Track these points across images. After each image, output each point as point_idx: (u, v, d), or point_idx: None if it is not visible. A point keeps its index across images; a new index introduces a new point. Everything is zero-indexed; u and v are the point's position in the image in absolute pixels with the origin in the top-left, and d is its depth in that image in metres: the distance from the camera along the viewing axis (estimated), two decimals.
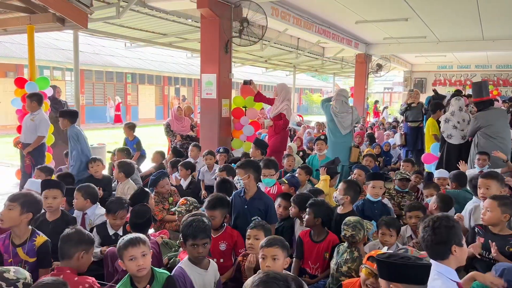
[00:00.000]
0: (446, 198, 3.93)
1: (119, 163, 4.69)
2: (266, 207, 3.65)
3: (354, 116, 6.17)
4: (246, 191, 3.71)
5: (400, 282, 1.85)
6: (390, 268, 1.89)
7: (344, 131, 6.12)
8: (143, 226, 3.03)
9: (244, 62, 13.34)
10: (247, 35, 6.39)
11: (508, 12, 8.18)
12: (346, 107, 6.17)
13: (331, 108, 6.19)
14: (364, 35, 11.60)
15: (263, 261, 2.48)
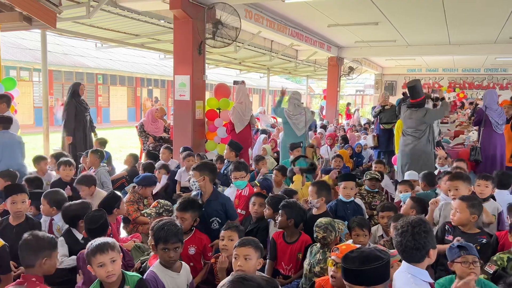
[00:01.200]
0: (422, 202, 4.02)
1: (78, 179, 4.44)
2: (223, 207, 3.68)
3: (307, 117, 6.39)
4: (203, 193, 3.71)
5: (370, 286, 1.89)
6: (358, 275, 1.91)
7: (299, 132, 6.36)
8: (98, 232, 2.95)
9: (218, 63, 13.29)
10: (221, 37, 6.38)
11: (473, 18, 8.50)
12: (299, 109, 6.41)
13: (285, 111, 6.40)
14: (336, 38, 11.79)
15: (235, 261, 2.49)
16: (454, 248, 2.49)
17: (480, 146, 6.28)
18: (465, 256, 2.45)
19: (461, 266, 2.46)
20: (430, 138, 5.44)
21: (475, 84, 18.70)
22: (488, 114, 6.19)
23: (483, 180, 3.74)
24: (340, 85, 14.29)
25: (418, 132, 5.42)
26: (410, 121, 5.54)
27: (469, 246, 2.48)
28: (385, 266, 1.90)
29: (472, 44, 11.75)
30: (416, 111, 5.42)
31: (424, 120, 5.35)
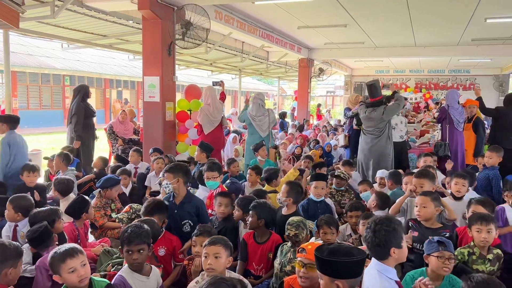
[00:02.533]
0: (384, 196, 4.16)
1: (54, 181, 4.40)
2: (197, 209, 3.67)
3: (271, 118, 6.50)
4: (176, 195, 3.69)
5: (346, 278, 1.91)
6: (332, 266, 1.93)
7: (263, 134, 6.48)
8: (40, 241, 2.91)
9: (188, 65, 13.19)
10: (191, 38, 6.35)
11: (436, 21, 8.80)
12: (262, 110, 6.53)
13: (248, 113, 6.52)
14: (306, 40, 11.94)
15: (205, 260, 2.50)
16: (434, 242, 2.57)
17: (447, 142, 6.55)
18: (443, 251, 2.54)
19: (437, 260, 2.55)
20: (389, 136, 5.61)
21: (440, 84, 19.35)
22: (450, 113, 6.47)
23: (461, 178, 3.87)
24: (311, 86, 14.47)
25: (377, 130, 5.57)
26: (369, 120, 5.69)
27: (447, 243, 2.56)
28: (354, 262, 1.92)
29: (437, 46, 12.17)
30: (375, 110, 5.57)
31: (383, 118, 5.50)
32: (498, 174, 4.66)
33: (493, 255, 2.96)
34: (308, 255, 2.43)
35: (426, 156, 5.25)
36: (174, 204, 3.67)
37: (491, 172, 4.70)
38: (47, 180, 5.88)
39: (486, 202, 3.35)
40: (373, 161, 5.61)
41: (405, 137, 6.41)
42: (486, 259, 2.95)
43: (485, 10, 7.68)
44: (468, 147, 6.77)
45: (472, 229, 2.98)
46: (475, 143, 6.79)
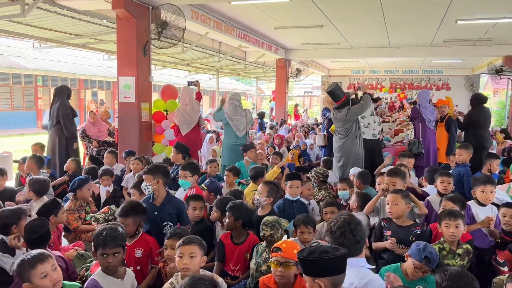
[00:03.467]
0: (365, 196, 4.22)
1: (30, 181, 4.28)
2: (178, 211, 3.64)
3: (248, 119, 6.54)
4: (156, 196, 3.65)
5: (325, 276, 1.92)
6: (313, 265, 1.95)
7: (239, 134, 6.50)
8: (39, 242, 2.82)
9: (165, 65, 13.05)
10: (166, 37, 6.29)
11: (410, 22, 9.00)
12: (239, 111, 6.54)
13: (225, 112, 6.53)
14: (283, 40, 12.00)
15: (180, 260, 2.49)
16: (423, 255, 2.57)
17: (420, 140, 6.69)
18: (424, 265, 2.59)
19: (415, 268, 2.62)
20: (357, 135, 5.72)
21: (414, 84, 19.77)
22: (422, 112, 6.63)
23: (446, 177, 3.98)
24: (288, 86, 14.55)
25: (344, 130, 5.69)
26: (336, 121, 5.81)
27: (433, 261, 2.58)
28: (329, 260, 1.94)
29: (410, 47, 12.43)
30: (340, 111, 5.69)
31: (347, 118, 5.62)
32: (469, 171, 4.81)
33: (462, 250, 3.05)
34: (284, 254, 2.45)
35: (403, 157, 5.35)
36: (154, 206, 3.62)
37: (462, 169, 4.85)
38: (18, 183, 5.72)
39: (456, 199, 3.45)
40: (343, 160, 5.71)
41: (378, 136, 6.51)
42: (456, 254, 3.04)
43: (456, 12, 7.90)
44: (441, 146, 6.94)
45: (442, 224, 3.06)
46: (447, 141, 6.96)
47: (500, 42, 11.30)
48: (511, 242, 3.35)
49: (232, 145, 6.48)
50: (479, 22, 8.63)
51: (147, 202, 3.65)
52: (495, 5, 7.36)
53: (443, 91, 18.58)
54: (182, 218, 3.67)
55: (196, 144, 6.78)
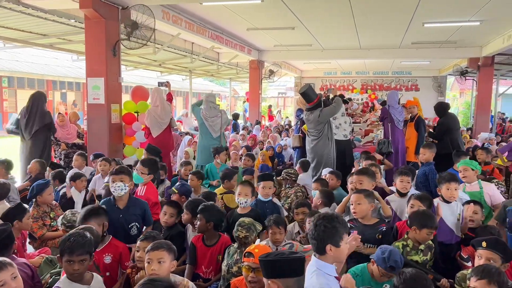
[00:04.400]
0: (328, 193, 4.29)
1: None
2: (142, 211, 3.62)
3: (223, 120, 6.56)
4: (117, 199, 3.58)
5: (278, 278, 1.94)
6: (267, 266, 1.97)
7: (215, 134, 6.51)
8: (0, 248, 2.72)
9: (136, 65, 12.85)
10: (136, 38, 6.19)
11: (379, 25, 9.19)
12: (215, 111, 6.56)
13: (201, 113, 6.53)
14: (256, 41, 12.03)
15: (148, 265, 2.46)
16: (388, 264, 2.61)
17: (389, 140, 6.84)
18: (390, 274, 2.63)
19: (378, 270, 2.68)
20: (329, 136, 5.82)
21: (384, 86, 20.20)
22: (391, 112, 6.79)
23: (405, 176, 4.05)
24: (262, 87, 14.60)
25: (317, 131, 5.77)
26: (308, 123, 5.88)
27: (397, 268, 2.59)
28: (284, 261, 1.96)
29: (380, 49, 12.71)
30: (312, 113, 5.77)
31: (319, 120, 5.70)
32: (433, 169, 4.95)
33: (424, 246, 3.15)
34: (256, 260, 2.44)
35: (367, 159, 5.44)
36: (117, 208, 3.56)
37: (427, 168, 5.00)
38: None
39: (423, 198, 3.55)
40: (316, 161, 5.79)
41: (349, 136, 6.63)
42: (419, 249, 3.14)
43: (423, 15, 8.13)
44: (410, 145, 7.11)
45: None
46: (416, 141, 7.14)
47: (464, 45, 11.71)
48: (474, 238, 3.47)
49: (207, 145, 6.46)
50: (444, 25, 8.91)
51: (109, 205, 3.57)
52: (459, 9, 7.62)
53: (412, 92, 19.09)
54: (146, 218, 3.67)
55: (167, 146, 6.70)
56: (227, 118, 6.73)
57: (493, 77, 12.65)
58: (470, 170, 4.27)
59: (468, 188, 4.26)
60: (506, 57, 12.40)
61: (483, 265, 2.39)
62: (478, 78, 12.30)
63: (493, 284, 2.24)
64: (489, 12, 7.68)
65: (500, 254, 2.69)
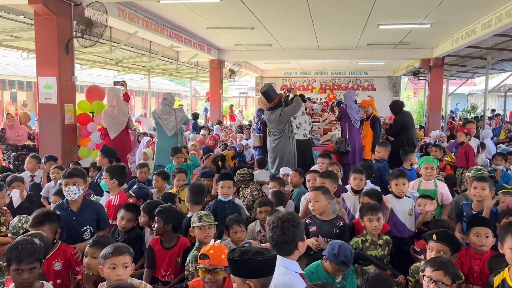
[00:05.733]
0: (278, 194, 4.34)
1: None
2: (97, 214, 3.51)
3: (178, 117, 6.49)
4: (72, 201, 3.45)
5: (256, 278, 1.93)
6: (244, 265, 1.94)
7: (169, 133, 6.47)
8: None
9: (92, 64, 12.43)
10: (90, 35, 5.97)
11: (336, 26, 9.41)
12: (169, 110, 6.52)
13: (156, 112, 6.54)
14: (216, 41, 11.96)
15: (112, 271, 2.39)
16: (339, 261, 2.70)
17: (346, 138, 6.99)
18: (341, 267, 2.72)
19: (332, 268, 2.76)
20: (290, 136, 5.89)
21: (342, 86, 20.71)
22: (348, 112, 6.95)
23: (358, 174, 4.15)
24: (223, 87, 14.54)
25: (278, 131, 5.83)
26: (270, 122, 5.94)
27: (348, 262, 2.73)
28: (263, 261, 1.95)
29: (337, 50, 13.01)
30: (273, 112, 5.82)
31: (280, 119, 5.77)
32: (387, 166, 5.15)
33: (382, 241, 3.28)
34: (211, 261, 2.42)
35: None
36: (71, 212, 3.42)
37: (381, 165, 5.19)
38: None
39: (371, 193, 3.70)
40: (278, 160, 5.83)
41: (309, 135, 6.74)
42: (377, 244, 3.25)
43: (377, 17, 8.39)
44: (366, 143, 7.32)
45: (364, 219, 3.26)
46: (372, 139, 7.36)
47: (417, 46, 12.21)
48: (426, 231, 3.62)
49: (163, 145, 6.43)
50: (398, 27, 9.25)
51: (62, 208, 3.43)
52: (411, 12, 7.93)
53: (368, 92, 19.69)
54: (101, 222, 3.55)
55: (125, 147, 6.52)
56: (183, 116, 6.64)
57: (443, 77, 13.28)
58: (435, 169, 4.46)
59: (423, 186, 4.43)
60: (455, 58, 13.06)
61: (440, 258, 2.50)
62: (430, 78, 12.87)
63: (448, 276, 2.35)
64: (439, 16, 8.06)
65: (449, 246, 2.82)
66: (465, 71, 16.20)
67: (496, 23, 7.48)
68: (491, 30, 7.76)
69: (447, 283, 2.34)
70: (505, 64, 13.84)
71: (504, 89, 16.48)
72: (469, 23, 8.75)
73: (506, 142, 10.36)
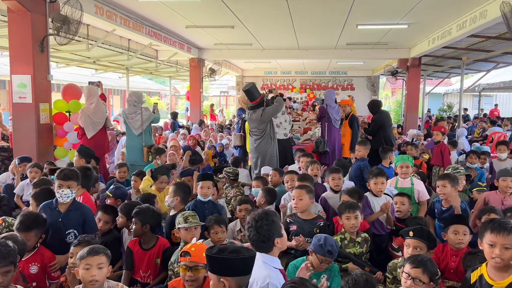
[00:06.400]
0: (271, 191, 4.34)
1: None
2: (84, 218, 3.43)
3: (144, 116, 6.43)
4: (61, 202, 3.38)
5: (231, 276, 1.92)
6: (221, 263, 1.94)
7: (136, 132, 6.40)
8: None
9: (69, 62, 12.17)
10: (66, 33, 5.83)
11: (315, 26, 9.46)
12: (135, 108, 6.46)
13: (123, 112, 6.53)
14: (195, 39, 11.88)
15: (87, 272, 2.35)
16: (326, 251, 2.75)
17: (325, 139, 7.06)
18: (327, 258, 2.77)
19: (317, 259, 2.79)
20: (271, 136, 5.91)
21: (322, 85, 20.90)
22: (328, 111, 7.00)
23: (336, 173, 4.21)
24: (203, 86, 14.45)
25: (259, 131, 5.84)
26: (252, 122, 5.94)
27: (335, 252, 2.78)
28: (240, 259, 1.94)
29: (317, 49, 13.10)
30: (255, 112, 5.83)
31: (262, 119, 5.79)
32: (367, 165, 5.21)
33: (361, 238, 3.33)
34: (192, 258, 2.41)
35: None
36: (58, 212, 3.35)
37: (362, 163, 5.25)
38: None
39: (353, 192, 3.75)
40: (260, 160, 5.84)
41: (289, 134, 6.77)
42: (355, 242, 3.30)
43: (356, 18, 8.49)
44: (345, 142, 7.40)
45: (342, 217, 3.30)
46: (351, 138, 7.44)
47: (395, 46, 12.42)
48: (404, 228, 3.69)
49: (130, 144, 6.41)
50: (376, 27, 9.38)
51: (49, 208, 3.36)
52: (389, 12, 8.05)
53: (348, 91, 19.91)
54: (88, 226, 3.45)
55: (103, 147, 6.42)
56: (149, 115, 6.50)
57: (420, 77, 13.54)
58: (411, 167, 4.54)
59: (400, 184, 4.52)
60: (432, 58, 13.34)
61: (420, 255, 2.55)
62: (407, 78, 13.11)
63: (426, 274, 2.40)
64: (416, 16, 8.21)
65: (425, 242, 2.88)
66: (441, 71, 16.59)
67: (471, 24, 7.67)
68: (466, 31, 7.96)
69: (425, 280, 2.38)
70: (479, 65, 14.22)
71: (479, 89, 16.93)
72: (445, 24, 8.95)
73: (480, 141, 10.65)
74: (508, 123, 12.77)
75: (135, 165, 6.02)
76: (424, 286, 2.37)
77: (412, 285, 2.38)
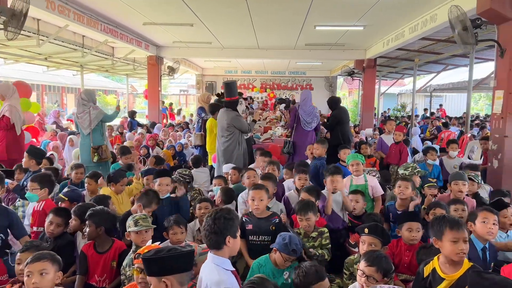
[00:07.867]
0: (228, 191, 4.34)
1: None
2: (9, 222, 3.31)
3: (92, 115, 6.27)
4: None
5: (172, 274, 1.91)
6: (158, 263, 1.93)
7: (85, 131, 6.26)
8: None
9: (18, 59, 11.56)
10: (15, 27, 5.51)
11: (275, 26, 9.54)
12: (84, 107, 6.31)
13: (74, 112, 6.46)
14: (153, 37, 11.64)
15: (28, 279, 2.27)
16: (291, 250, 2.80)
17: (294, 140, 7.02)
18: (291, 256, 2.82)
19: (281, 257, 2.84)
20: (239, 140, 5.93)
21: (282, 85, 21.14)
22: (300, 113, 6.93)
23: (303, 174, 4.30)
24: (162, 84, 14.19)
25: (228, 133, 5.84)
26: (223, 121, 5.89)
27: (299, 251, 2.85)
28: (178, 255, 1.95)
29: (276, 49, 13.21)
30: (228, 112, 5.82)
31: (231, 123, 5.79)
32: (324, 163, 5.31)
33: (316, 233, 3.45)
34: None
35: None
36: None
37: (319, 161, 5.36)
38: None
39: (311, 190, 3.84)
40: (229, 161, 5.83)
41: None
42: (310, 237, 3.44)
43: (314, 18, 8.63)
44: None
45: (297, 217, 3.48)
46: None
47: (351, 47, 12.75)
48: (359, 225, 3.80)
49: (82, 143, 6.26)
50: (333, 28, 9.58)
51: None
52: (346, 14, 8.25)
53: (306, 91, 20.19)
54: (16, 230, 3.33)
55: (24, 146, 6.15)
56: (97, 114, 6.28)
57: (375, 78, 13.99)
58: (361, 164, 4.67)
59: (355, 181, 4.64)
60: (386, 59, 13.83)
61: (376, 253, 2.62)
62: (363, 79, 13.50)
63: (380, 272, 2.48)
64: (371, 18, 8.46)
65: (379, 239, 2.98)
66: (395, 72, 17.24)
67: (422, 28, 8.01)
68: (418, 34, 8.30)
69: (378, 278, 2.47)
70: (430, 66, 14.93)
71: (430, 89, 17.75)
72: (399, 26, 9.29)
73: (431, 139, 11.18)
74: (456, 122, 13.48)
75: (89, 166, 5.82)
76: (377, 283, 2.45)
77: (366, 282, 2.46)
